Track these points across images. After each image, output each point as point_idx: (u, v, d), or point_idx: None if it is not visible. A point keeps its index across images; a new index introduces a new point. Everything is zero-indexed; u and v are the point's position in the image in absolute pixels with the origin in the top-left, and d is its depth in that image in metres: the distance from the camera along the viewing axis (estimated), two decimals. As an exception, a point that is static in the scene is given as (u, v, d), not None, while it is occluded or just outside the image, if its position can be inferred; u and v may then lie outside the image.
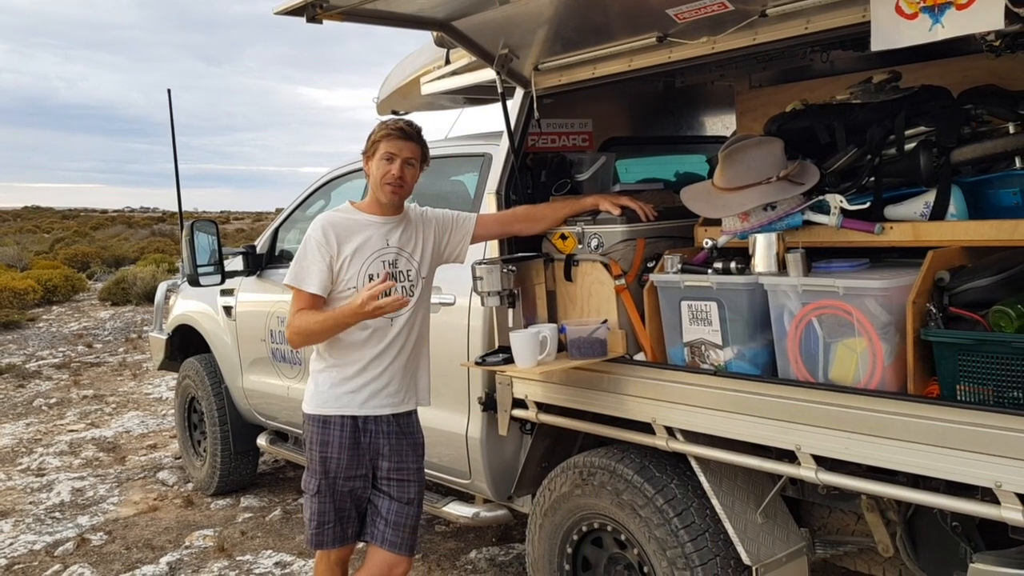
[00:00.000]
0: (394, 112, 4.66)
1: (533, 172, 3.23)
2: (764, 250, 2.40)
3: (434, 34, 3.20)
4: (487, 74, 3.27)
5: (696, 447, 2.55)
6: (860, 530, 2.64)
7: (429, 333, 2.88)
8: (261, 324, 4.50)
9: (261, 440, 4.91)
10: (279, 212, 4.88)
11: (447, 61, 3.74)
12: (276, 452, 4.82)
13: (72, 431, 6.98)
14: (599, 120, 3.59)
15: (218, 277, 4.45)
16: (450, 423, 3.33)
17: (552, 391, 2.93)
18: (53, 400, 8.10)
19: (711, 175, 2.69)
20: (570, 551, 2.93)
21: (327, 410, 2.72)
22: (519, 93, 3.15)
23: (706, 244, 2.61)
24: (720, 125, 4.16)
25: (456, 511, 3.53)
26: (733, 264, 2.45)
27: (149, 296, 13.07)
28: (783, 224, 2.43)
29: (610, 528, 2.78)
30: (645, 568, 2.67)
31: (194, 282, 4.43)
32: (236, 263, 4.59)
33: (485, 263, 2.91)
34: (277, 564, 4.16)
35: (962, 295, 2.09)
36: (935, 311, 2.08)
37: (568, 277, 2.92)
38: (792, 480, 2.53)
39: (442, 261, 2.92)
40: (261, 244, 4.68)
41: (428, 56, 4.00)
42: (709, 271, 2.50)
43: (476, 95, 3.98)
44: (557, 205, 3.01)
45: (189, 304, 5.28)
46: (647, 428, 2.66)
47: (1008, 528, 2.07)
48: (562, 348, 2.82)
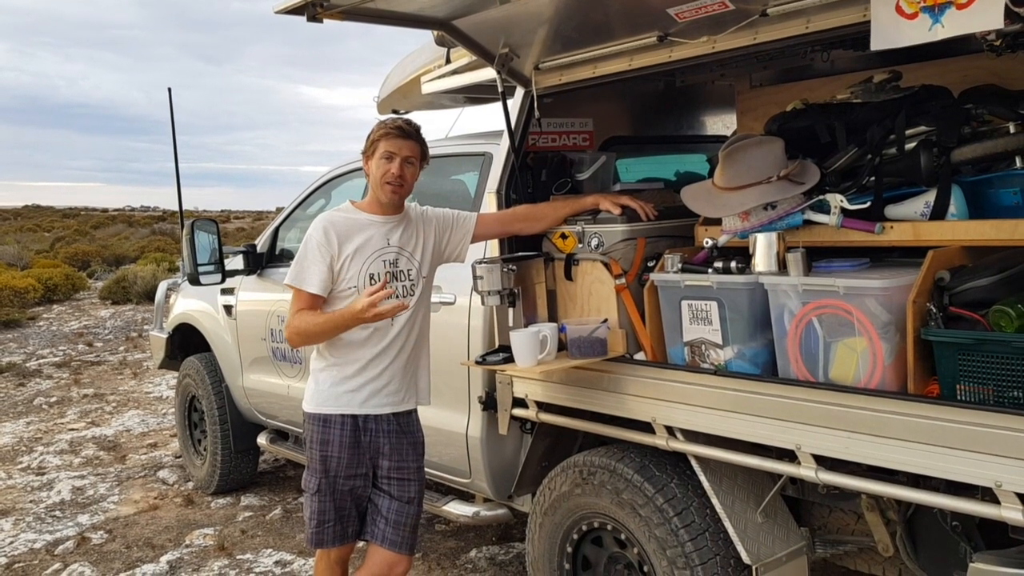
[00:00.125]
0: (394, 111, 4.65)
1: (533, 171, 3.23)
2: (764, 249, 2.40)
3: (435, 33, 3.19)
4: (487, 73, 3.27)
5: (696, 446, 2.55)
6: (860, 529, 2.64)
7: (429, 332, 2.88)
8: (261, 323, 4.51)
9: (261, 439, 4.92)
10: (279, 211, 4.88)
11: (447, 60, 3.74)
12: (276, 451, 4.83)
13: (72, 430, 6.98)
14: (599, 119, 3.59)
15: (218, 276, 4.46)
16: (450, 422, 3.33)
17: (552, 390, 2.93)
18: (53, 399, 8.10)
19: (711, 174, 2.69)
20: (570, 550, 2.93)
21: (327, 409, 2.72)
22: (519, 92, 3.15)
23: (706, 243, 2.61)
24: (720, 124, 4.16)
25: (456, 510, 3.53)
26: (733, 263, 2.45)
27: (149, 295, 13.06)
28: (783, 223, 2.43)
29: (610, 527, 2.78)
30: (645, 567, 2.67)
31: (194, 281, 4.43)
32: (236, 262, 4.59)
33: (485, 262, 2.91)
34: (277, 563, 4.16)
35: (962, 295, 2.09)
36: (935, 311, 2.08)
37: (568, 276, 2.92)
38: (792, 479, 2.54)
39: (443, 260, 2.92)
40: (261, 243, 4.67)
41: (429, 55, 3.99)
42: (709, 270, 2.49)
43: (476, 94, 3.98)
44: (557, 204, 3.01)
45: (189, 303, 5.27)
46: (647, 427, 2.66)
47: (1008, 528, 2.07)
48: (562, 347, 2.82)
